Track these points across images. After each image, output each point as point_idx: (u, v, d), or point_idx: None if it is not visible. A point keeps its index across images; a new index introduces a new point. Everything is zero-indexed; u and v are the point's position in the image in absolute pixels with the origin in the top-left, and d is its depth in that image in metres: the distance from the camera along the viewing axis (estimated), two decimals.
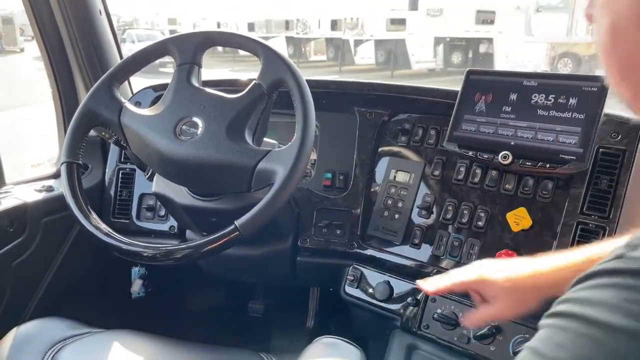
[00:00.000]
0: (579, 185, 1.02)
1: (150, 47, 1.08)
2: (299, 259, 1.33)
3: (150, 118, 1.01)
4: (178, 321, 1.74)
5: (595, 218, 0.99)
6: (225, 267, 1.44)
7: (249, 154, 0.95)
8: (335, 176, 1.33)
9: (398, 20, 15.97)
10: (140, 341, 1.04)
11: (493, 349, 1.03)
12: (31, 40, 12.81)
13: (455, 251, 1.13)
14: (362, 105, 1.33)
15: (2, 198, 1.29)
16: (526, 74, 1.10)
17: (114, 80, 1.06)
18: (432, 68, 16.19)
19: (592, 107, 1.00)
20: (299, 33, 18.90)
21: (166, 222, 1.40)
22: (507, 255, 1.04)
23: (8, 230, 1.24)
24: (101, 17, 1.47)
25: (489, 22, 15.06)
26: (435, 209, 1.19)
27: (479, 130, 1.10)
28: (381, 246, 1.24)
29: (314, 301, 1.68)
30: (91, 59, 1.47)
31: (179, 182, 1.08)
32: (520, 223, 1.05)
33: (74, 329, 1.07)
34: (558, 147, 1.01)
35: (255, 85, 1.00)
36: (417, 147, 1.26)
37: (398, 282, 1.20)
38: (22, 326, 1.06)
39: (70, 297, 1.48)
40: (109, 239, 0.98)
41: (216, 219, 1.11)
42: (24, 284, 1.31)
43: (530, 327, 1.01)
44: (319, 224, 1.30)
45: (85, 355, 0.99)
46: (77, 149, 1.04)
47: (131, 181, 1.44)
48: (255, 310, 1.80)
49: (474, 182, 1.14)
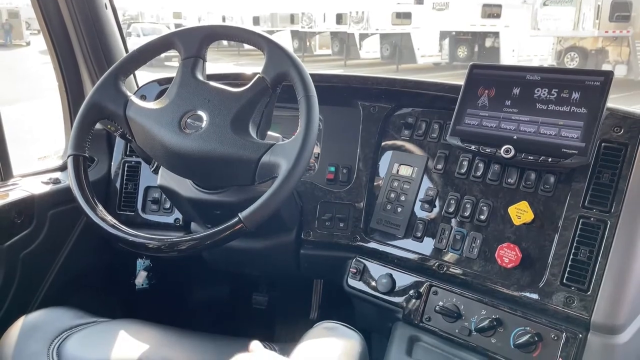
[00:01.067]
0: (581, 179, 1.02)
1: (155, 41, 1.09)
2: (302, 252, 1.34)
3: (155, 111, 1.02)
4: (182, 312, 1.76)
5: (596, 212, 0.99)
6: (229, 259, 1.45)
7: (252, 147, 0.96)
8: (338, 170, 1.34)
9: (404, 14, 15.89)
10: (145, 330, 1.06)
11: (494, 341, 1.04)
12: (37, 33, 12.82)
13: (458, 244, 1.14)
14: (365, 99, 1.33)
15: (10, 190, 1.30)
16: (529, 68, 1.10)
17: (119, 74, 1.07)
18: (438, 62, 16.14)
19: (594, 101, 1.00)
20: (304, 27, 18.85)
21: (171, 214, 1.41)
22: (508, 248, 1.05)
23: (16, 221, 1.26)
24: (107, 11, 1.49)
25: (495, 16, 14.98)
26: (437, 203, 1.20)
27: (482, 124, 1.11)
28: (384, 239, 1.25)
29: (318, 293, 1.70)
30: (97, 53, 1.49)
31: (183, 175, 1.10)
32: (522, 217, 1.06)
33: (80, 318, 1.09)
34: (560, 141, 1.01)
35: (259, 79, 1.00)
36: (420, 141, 1.27)
37: (400, 274, 1.21)
38: (30, 315, 1.08)
39: (76, 288, 1.50)
40: (115, 231, 0.99)
41: (220, 211, 1.12)
42: (31, 275, 1.33)
43: (531, 320, 1.02)
44: (322, 217, 1.31)
45: (91, 344, 1.01)
46: (84, 142, 1.05)
47: (136, 174, 1.45)
48: (259, 302, 1.81)
49: (476, 175, 1.15)
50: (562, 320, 0.99)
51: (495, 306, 1.06)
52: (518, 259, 1.04)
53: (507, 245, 1.06)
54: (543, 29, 13.58)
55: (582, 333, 0.97)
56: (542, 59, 14.55)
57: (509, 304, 1.05)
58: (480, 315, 1.07)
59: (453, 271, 1.12)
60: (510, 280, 1.05)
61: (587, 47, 13.51)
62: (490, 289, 1.07)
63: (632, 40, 12.56)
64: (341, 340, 0.94)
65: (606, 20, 12.47)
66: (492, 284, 1.07)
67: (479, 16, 15.11)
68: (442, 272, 1.14)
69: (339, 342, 0.94)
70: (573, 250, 0.99)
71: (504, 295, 1.05)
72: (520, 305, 1.04)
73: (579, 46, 13.63)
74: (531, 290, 1.02)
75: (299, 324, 1.57)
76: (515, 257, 1.04)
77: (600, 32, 12.61)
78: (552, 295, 1.00)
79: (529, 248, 1.05)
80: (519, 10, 14.65)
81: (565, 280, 0.99)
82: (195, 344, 1.03)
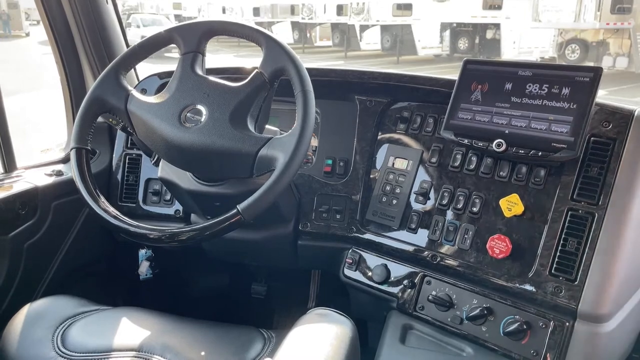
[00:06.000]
0: (570, 172, 1.05)
1: (155, 36, 1.11)
2: (300, 243, 1.37)
3: (156, 105, 1.05)
4: (182, 301, 1.79)
5: (585, 205, 1.02)
6: (229, 250, 1.48)
7: (251, 141, 0.98)
8: (335, 163, 1.36)
9: (404, 5, 15.82)
10: (146, 318, 1.09)
11: (484, 329, 1.07)
12: (37, 24, 12.70)
13: (451, 236, 1.17)
14: (362, 93, 1.35)
15: (14, 182, 1.33)
16: (521, 64, 1.12)
17: (120, 69, 1.10)
18: (439, 54, 16.09)
19: (584, 96, 1.03)
20: (305, 18, 18.76)
21: (172, 206, 1.44)
22: (499, 239, 1.08)
23: (20, 212, 1.29)
24: (107, 6, 1.51)
25: (497, 7, 14.89)
26: (432, 195, 1.22)
27: (475, 118, 1.13)
28: (379, 231, 1.28)
29: (315, 283, 1.73)
30: (98, 47, 1.51)
31: (183, 168, 1.12)
32: (513, 209, 1.09)
33: (83, 306, 1.12)
34: (550, 136, 1.04)
35: (257, 73, 1.03)
36: (416, 135, 1.29)
37: (395, 265, 1.24)
38: (34, 303, 1.11)
39: (79, 277, 1.53)
40: (117, 222, 1.02)
41: (220, 203, 1.15)
42: (35, 264, 1.36)
43: (520, 309, 1.05)
44: (319, 209, 1.34)
45: (94, 330, 1.04)
46: (86, 135, 1.08)
47: (138, 166, 1.48)
48: (257, 292, 1.85)
49: (469, 169, 1.18)
50: (550, 309, 1.02)
51: (486, 295, 1.10)
52: (508, 250, 1.07)
53: (498, 237, 1.08)
54: (544, 21, 13.51)
55: (570, 321, 1.00)
56: (543, 50, 14.50)
57: (499, 293, 1.08)
58: (471, 305, 1.10)
59: (446, 262, 1.15)
60: (500, 271, 1.09)
61: (588, 39, 13.45)
62: (482, 279, 1.10)
63: (634, 32, 12.51)
64: (333, 326, 0.97)
65: (607, 12, 12.41)
66: (484, 274, 1.10)
67: (480, 7, 15.02)
68: (435, 263, 1.17)
69: (330, 327, 0.97)
70: (561, 242, 1.02)
71: (494, 285, 1.09)
72: (510, 295, 1.07)
73: (580, 38, 13.58)
74: (521, 280, 1.05)
75: (296, 313, 1.61)
76: (505, 248, 1.07)
77: (601, 24, 12.55)
78: (540, 285, 1.03)
79: (519, 239, 1.08)
80: (520, 2, 14.55)
81: (553, 271, 1.02)
82: (195, 331, 1.06)
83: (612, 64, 12.57)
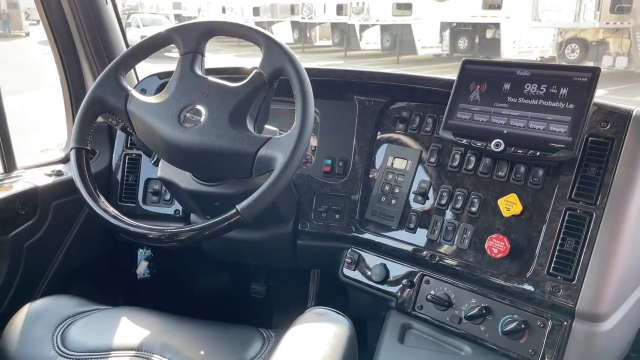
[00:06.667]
0: (569, 172, 1.05)
1: (155, 36, 1.11)
2: (299, 242, 1.38)
3: (155, 106, 1.05)
4: (182, 301, 1.80)
5: (582, 204, 1.02)
6: (228, 249, 1.48)
7: (250, 141, 0.99)
8: (334, 162, 1.37)
9: (404, 5, 15.82)
10: (146, 317, 1.09)
11: (483, 328, 1.08)
12: (37, 24, 12.69)
13: (449, 235, 1.17)
14: (361, 93, 1.36)
15: (14, 182, 1.34)
16: (520, 64, 1.12)
17: (120, 69, 1.10)
18: (438, 53, 16.08)
19: (582, 97, 1.03)
20: (305, 17, 18.76)
21: (171, 206, 1.45)
22: (497, 239, 1.08)
23: (20, 212, 1.29)
24: (107, 6, 1.51)
25: (496, 7, 14.89)
26: (430, 195, 1.23)
27: (473, 118, 1.14)
28: (378, 230, 1.29)
29: (314, 283, 1.73)
30: (98, 48, 1.51)
31: (183, 168, 1.13)
32: (511, 209, 1.09)
33: (83, 306, 1.13)
34: (548, 136, 1.04)
35: (256, 74, 1.03)
36: (415, 135, 1.30)
37: (394, 264, 1.25)
38: (34, 303, 1.11)
39: (79, 277, 1.54)
40: (117, 221, 1.02)
41: (219, 203, 1.15)
42: (35, 264, 1.37)
43: (519, 308, 1.05)
44: (318, 208, 1.34)
45: (94, 330, 1.05)
46: (86, 135, 1.08)
47: (137, 166, 1.48)
48: (257, 291, 1.85)
49: (468, 168, 1.18)
50: (548, 308, 1.02)
51: (484, 295, 1.10)
52: (507, 249, 1.07)
53: (497, 236, 1.09)
54: (544, 20, 13.52)
55: (567, 321, 1.00)
56: (543, 50, 14.50)
57: (497, 292, 1.09)
58: (470, 304, 1.11)
59: (445, 261, 1.16)
60: (499, 270, 1.09)
61: (588, 39, 13.46)
62: (480, 279, 1.11)
63: (633, 32, 12.51)
64: (330, 325, 0.98)
65: (607, 12, 12.42)
66: (482, 274, 1.10)
67: (480, 7, 15.02)
68: (434, 262, 1.17)
69: (328, 326, 0.97)
70: (559, 241, 1.03)
71: (493, 285, 1.09)
72: (508, 294, 1.07)
73: (579, 38, 13.58)
74: (519, 280, 1.05)
75: (296, 313, 1.61)
76: (504, 247, 1.07)
77: (601, 24, 12.56)
78: (539, 285, 1.03)
79: (517, 239, 1.09)
80: (520, 1, 14.55)
81: (551, 270, 1.02)
82: (195, 330, 1.06)
83: (612, 63, 12.57)
